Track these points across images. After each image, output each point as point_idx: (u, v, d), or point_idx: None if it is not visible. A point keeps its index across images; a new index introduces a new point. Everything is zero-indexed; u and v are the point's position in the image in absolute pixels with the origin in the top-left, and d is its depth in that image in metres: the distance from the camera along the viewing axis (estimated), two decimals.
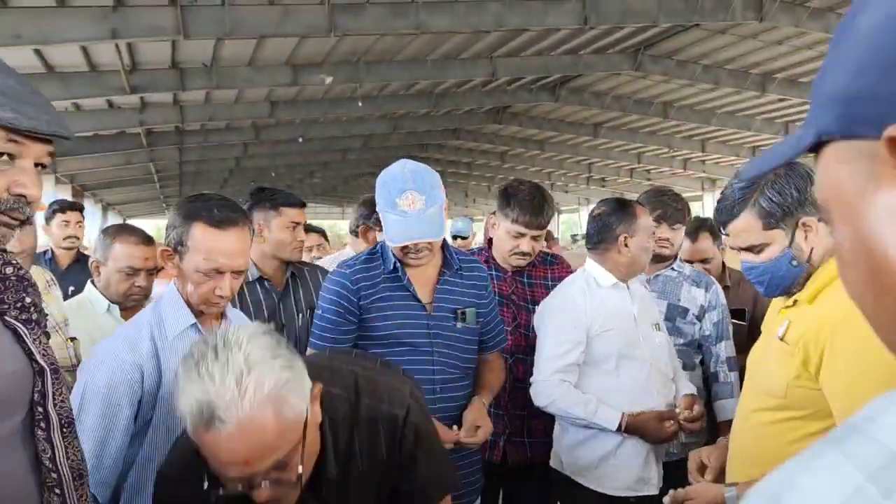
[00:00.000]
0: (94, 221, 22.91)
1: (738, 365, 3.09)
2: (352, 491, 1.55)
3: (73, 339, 2.33)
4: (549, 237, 5.01)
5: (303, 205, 3.14)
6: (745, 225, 1.87)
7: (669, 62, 12.66)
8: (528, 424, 2.96)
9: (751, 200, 1.85)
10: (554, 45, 11.86)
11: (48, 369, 1.31)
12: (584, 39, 11.60)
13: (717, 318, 3.20)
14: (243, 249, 1.93)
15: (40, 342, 1.32)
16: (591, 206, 3.46)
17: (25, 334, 1.29)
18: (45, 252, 4.89)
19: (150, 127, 13.99)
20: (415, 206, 2.28)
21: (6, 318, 1.27)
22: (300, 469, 1.35)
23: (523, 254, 2.94)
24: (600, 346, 2.69)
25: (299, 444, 1.34)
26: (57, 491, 1.30)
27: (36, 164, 1.28)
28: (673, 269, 3.30)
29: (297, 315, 3.04)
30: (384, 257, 2.48)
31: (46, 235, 4.88)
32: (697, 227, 3.68)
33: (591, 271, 2.79)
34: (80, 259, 4.65)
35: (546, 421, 2.87)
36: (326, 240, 4.30)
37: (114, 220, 28.22)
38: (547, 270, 3.12)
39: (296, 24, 8.73)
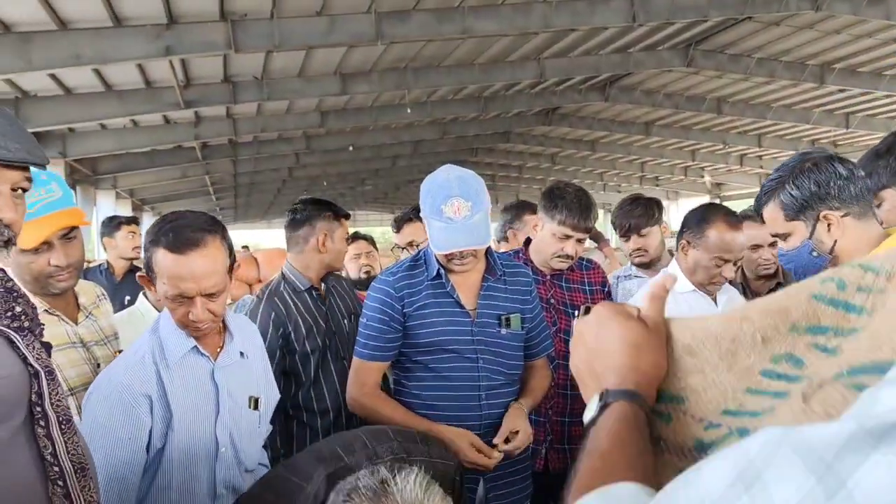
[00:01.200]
0: None
1: None
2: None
3: (121, 351, 2.38)
4: (600, 238, 4.94)
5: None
6: (771, 215, 2.02)
7: (722, 57, 12.42)
8: (568, 431, 2.93)
9: (776, 193, 1.99)
10: (602, 44, 11.74)
11: (42, 372, 1.40)
12: (633, 37, 11.46)
13: None
14: (211, 270, 1.82)
15: (33, 347, 1.42)
16: None
17: (18, 340, 1.38)
18: (100, 265, 5.09)
19: (204, 140, 14.29)
20: (460, 213, 2.26)
21: None
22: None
23: (567, 256, 2.89)
24: None
25: None
26: (60, 483, 1.41)
27: (14, 189, 1.39)
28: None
29: (343, 321, 3.06)
30: (427, 264, 2.46)
31: (109, 249, 5.03)
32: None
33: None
34: (134, 270, 4.78)
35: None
36: (375, 247, 4.31)
37: None
38: (583, 275, 3.07)
39: (343, 33, 8.81)
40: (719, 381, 0.83)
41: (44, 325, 1.51)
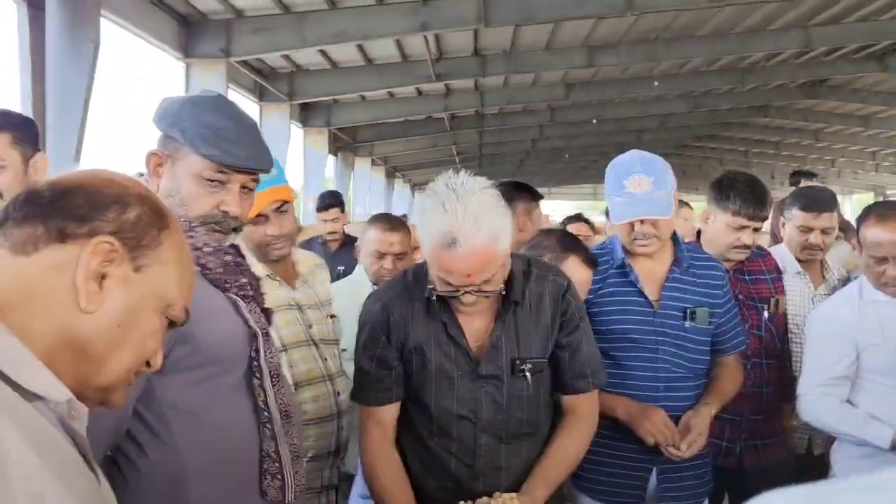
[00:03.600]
0: (403, 200, 24.98)
1: None
2: (521, 325, 1.95)
3: (332, 316, 2.61)
4: (848, 227, 4.40)
5: None
6: None
7: None
8: (763, 428, 2.85)
9: None
10: (884, 9, 10.49)
11: (260, 332, 1.68)
12: None
13: None
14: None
15: (255, 311, 1.70)
16: None
17: (242, 306, 1.67)
18: (318, 237, 5.78)
19: (453, 112, 14.84)
20: (642, 188, 2.29)
21: (229, 294, 1.66)
22: (501, 286, 1.85)
23: (745, 247, 2.77)
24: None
25: (502, 269, 1.83)
26: (268, 426, 1.67)
27: (242, 188, 1.68)
28: None
29: None
30: (613, 252, 2.47)
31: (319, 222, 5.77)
32: None
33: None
34: (347, 242, 5.26)
35: (776, 423, 2.90)
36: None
37: (419, 199, 30.48)
38: (760, 263, 2.94)
39: (593, 5, 8.71)
40: None
41: (265, 293, 1.79)
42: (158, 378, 1.52)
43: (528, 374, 1.94)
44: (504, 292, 1.90)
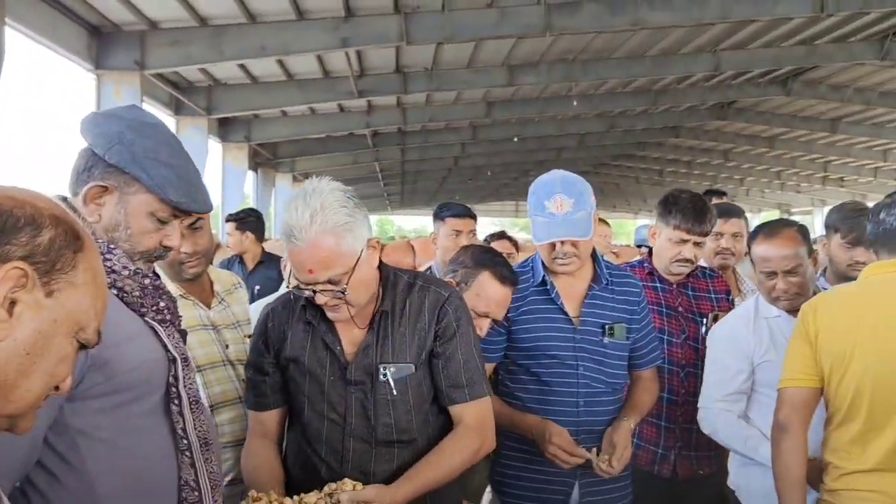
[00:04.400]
0: None
1: None
2: (395, 333, 1.96)
3: (250, 336, 2.56)
4: None
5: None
6: None
7: None
8: (696, 438, 2.87)
9: None
10: (786, 36, 11.04)
11: (179, 358, 1.65)
12: (820, 28, 10.69)
13: None
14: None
15: (173, 337, 1.66)
16: (827, 209, 3.17)
17: (160, 331, 1.63)
18: (235, 256, 5.68)
19: (375, 128, 14.84)
20: (563, 209, 2.33)
21: (146, 318, 1.61)
22: (346, 287, 1.83)
23: (686, 260, 2.87)
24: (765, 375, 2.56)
25: (349, 271, 1.83)
26: (188, 454, 1.64)
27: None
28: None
29: None
30: (534, 270, 2.51)
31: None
32: None
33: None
34: (265, 260, 5.14)
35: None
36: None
37: None
38: (708, 283, 3.04)
39: (513, 25, 8.85)
40: None
41: (181, 316, 1.75)
42: (70, 404, 1.46)
43: (390, 378, 1.94)
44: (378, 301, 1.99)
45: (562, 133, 17.35)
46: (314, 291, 1.86)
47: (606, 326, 2.44)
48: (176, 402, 1.63)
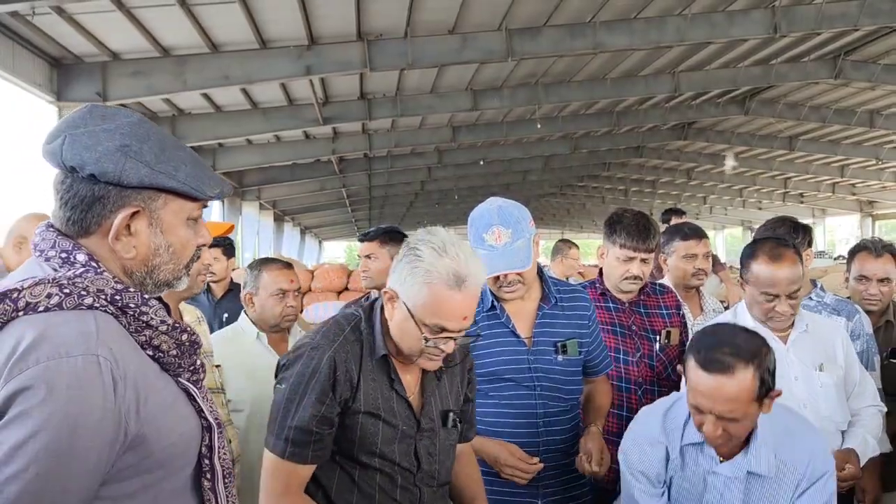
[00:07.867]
0: (293, 244, 24.64)
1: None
2: (445, 381, 2.00)
3: (217, 366, 2.55)
4: (716, 261, 4.68)
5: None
6: None
7: (875, 67, 11.68)
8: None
9: None
10: (742, 57, 11.33)
11: (214, 425, 1.42)
12: (775, 49, 11.00)
13: (858, 349, 2.89)
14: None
15: (207, 398, 1.43)
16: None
17: (196, 394, 1.40)
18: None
19: (341, 155, 14.88)
20: (501, 240, 2.35)
21: (180, 379, 1.38)
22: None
23: (634, 277, 2.88)
24: None
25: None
26: None
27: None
28: (811, 298, 3.06)
29: None
30: (483, 296, 2.47)
31: None
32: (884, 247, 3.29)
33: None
34: (233, 288, 5.00)
35: None
36: None
37: (311, 242, 30.19)
38: (658, 299, 3.06)
39: (475, 51, 8.97)
40: None
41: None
42: (100, 488, 1.24)
43: (458, 423, 2.01)
44: None
45: (527, 156, 17.54)
46: (454, 339, 1.84)
47: (559, 344, 2.46)
48: (208, 476, 1.41)
